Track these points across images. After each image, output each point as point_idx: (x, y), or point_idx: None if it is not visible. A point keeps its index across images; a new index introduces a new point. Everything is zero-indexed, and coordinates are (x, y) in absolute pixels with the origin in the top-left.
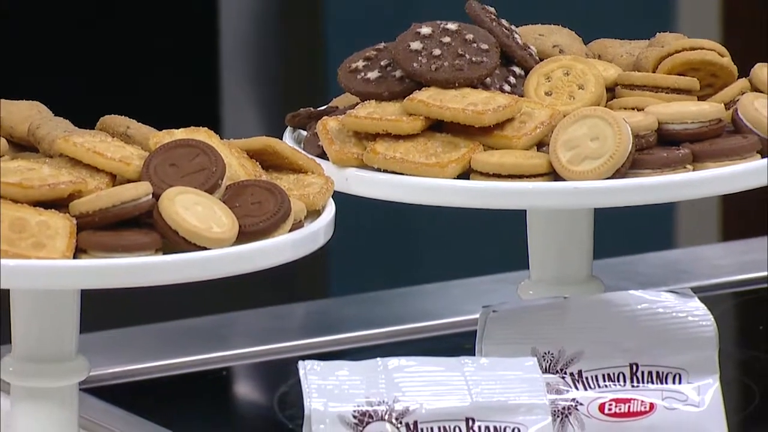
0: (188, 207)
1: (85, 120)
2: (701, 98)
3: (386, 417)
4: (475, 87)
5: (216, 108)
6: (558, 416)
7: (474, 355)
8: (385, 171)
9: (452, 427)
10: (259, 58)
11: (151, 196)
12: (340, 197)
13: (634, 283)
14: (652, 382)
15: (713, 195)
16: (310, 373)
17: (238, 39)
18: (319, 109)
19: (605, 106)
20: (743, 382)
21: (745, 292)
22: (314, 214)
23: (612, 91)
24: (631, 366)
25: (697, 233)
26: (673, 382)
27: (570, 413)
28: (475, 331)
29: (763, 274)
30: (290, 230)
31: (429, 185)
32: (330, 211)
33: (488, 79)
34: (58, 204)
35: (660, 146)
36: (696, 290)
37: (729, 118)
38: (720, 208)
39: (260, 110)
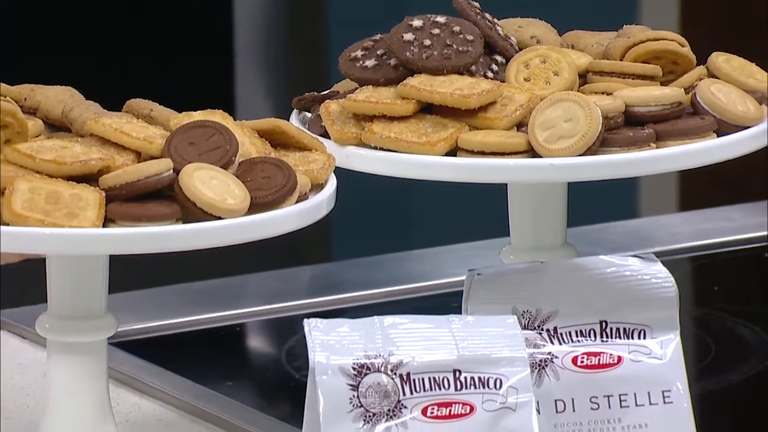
0: (205, 181)
1: (113, 103)
2: (663, 84)
3: (382, 369)
4: (461, 74)
5: (230, 93)
6: (536, 368)
7: (461, 313)
8: (381, 149)
9: (441, 378)
10: (269, 49)
11: (172, 171)
12: (340, 172)
13: (603, 248)
14: (620, 338)
15: (673, 170)
16: (314, 330)
17: (250, 32)
18: (322, 93)
19: (578, 91)
20: (700, 336)
21: (702, 256)
22: (318, 187)
23: (584, 77)
24: (601, 323)
25: (658, 204)
26: (639, 338)
27: (546, 365)
28: (462, 291)
29: (717, 240)
30: (296, 202)
31: (420, 162)
32: (332, 184)
33: (473, 66)
34: (89, 178)
35: (627, 126)
36: (658, 255)
37: (688, 101)
38: (679, 181)
39: (270, 94)
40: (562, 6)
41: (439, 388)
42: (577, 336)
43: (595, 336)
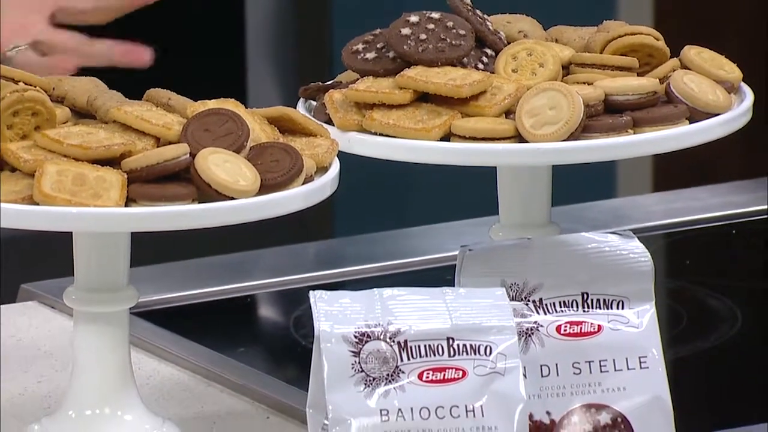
0: (219, 164)
1: (134, 92)
2: (640, 74)
3: (381, 337)
4: (454, 65)
5: (242, 83)
6: (522, 336)
7: (454, 285)
8: (381, 134)
9: (435, 345)
10: (278, 43)
11: (188, 155)
12: (343, 156)
13: (585, 226)
14: (600, 308)
15: (649, 154)
16: (319, 301)
17: (260, 28)
18: (326, 83)
19: (561, 81)
20: (673, 307)
21: (674, 233)
22: (322, 170)
23: (567, 68)
24: (582, 294)
25: (634, 185)
26: (617, 308)
27: (532, 333)
28: (455, 265)
29: (689, 218)
30: (303, 183)
31: (417, 146)
32: (335, 167)
33: (465, 59)
34: (112, 162)
35: (606, 114)
36: (634, 232)
37: (663, 90)
38: (653, 164)
39: (278, 85)
40: (547, 3)
41: (434, 355)
42: (560, 306)
43: (577, 306)
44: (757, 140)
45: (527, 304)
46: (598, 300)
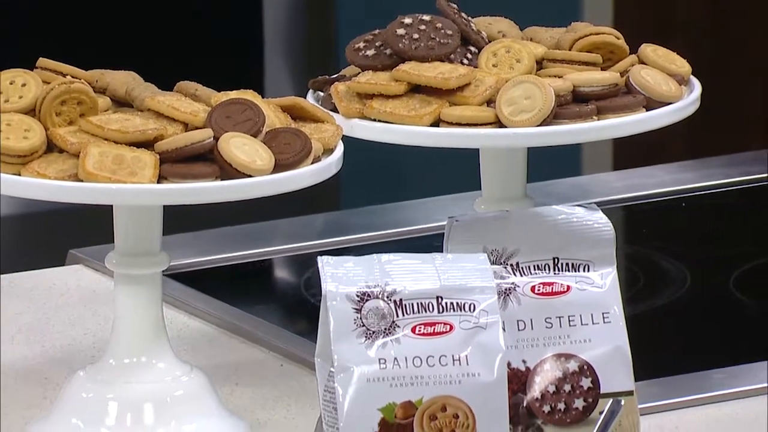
0: (239, 146)
1: (166, 84)
2: (603, 69)
3: (380, 296)
4: (443, 61)
5: (260, 76)
6: (502, 295)
7: (442, 252)
8: (379, 121)
9: (426, 303)
10: (291, 42)
11: (212, 138)
12: (347, 140)
13: (555, 200)
14: (569, 271)
15: (611, 138)
16: (326, 265)
17: (276, 29)
18: (332, 76)
19: (535, 75)
20: (632, 269)
21: (633, 205)
22: (328, 151)
23: (540, 64)
24: (553, 259)
25: (598, 164)
26: (584, 271)
27: (510, 293)
28: (443, 234)
29: (644, 193)
30: (311, 163)
31: (410, 131)
32: (340, 149)
33: (452, 55)
34: (147, 144)
35: (574, 103)
36: (598, 204)
37: (623, 83)
38: (614, 146)
39: (291, 78)
40: (523, 7)
41: (425, 311)
42: (534, 269)
43: (549, 269)
44: (704, 126)
45: (506, 268)
46: (567, 264)
